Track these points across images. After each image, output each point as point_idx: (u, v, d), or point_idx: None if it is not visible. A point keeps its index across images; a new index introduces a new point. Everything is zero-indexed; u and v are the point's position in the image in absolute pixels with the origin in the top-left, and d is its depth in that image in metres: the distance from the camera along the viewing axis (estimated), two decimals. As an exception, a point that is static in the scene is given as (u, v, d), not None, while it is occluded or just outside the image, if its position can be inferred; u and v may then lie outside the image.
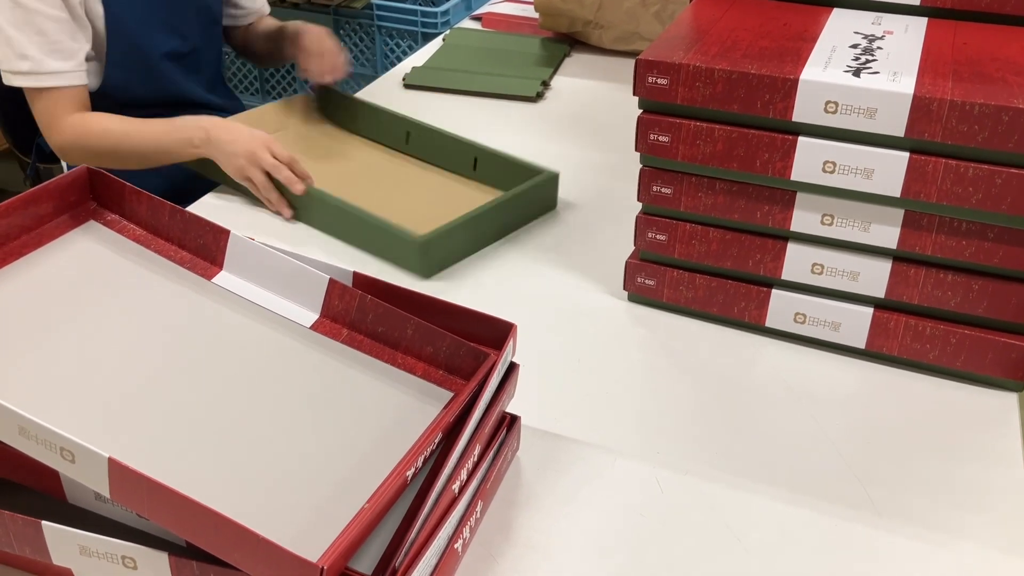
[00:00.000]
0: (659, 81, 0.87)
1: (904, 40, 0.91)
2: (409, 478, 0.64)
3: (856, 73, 0.82)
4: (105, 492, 0.58)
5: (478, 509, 0.71)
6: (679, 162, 0.90)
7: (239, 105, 1.52)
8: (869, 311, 0.90)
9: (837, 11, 0.99)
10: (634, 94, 0.89)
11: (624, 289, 1.01)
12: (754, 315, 0.95)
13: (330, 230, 1.13)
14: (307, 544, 0.59)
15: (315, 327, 0.78)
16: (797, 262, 0.91)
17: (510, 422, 0.77)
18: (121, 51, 1.27)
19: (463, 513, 0.68)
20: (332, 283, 0.78)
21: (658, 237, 0.95)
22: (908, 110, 0.79)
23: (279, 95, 2.39)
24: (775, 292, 0.93)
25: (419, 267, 1.05)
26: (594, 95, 1.51)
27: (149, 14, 1.29)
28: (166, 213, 0.82)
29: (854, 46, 0.89)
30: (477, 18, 1.85)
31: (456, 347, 0.75)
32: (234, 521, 0.55)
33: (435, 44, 1.73)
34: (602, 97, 1.50)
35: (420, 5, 2.19)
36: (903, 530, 0.74)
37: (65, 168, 1.43)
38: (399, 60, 2.17)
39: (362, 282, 0.78)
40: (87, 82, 1.24)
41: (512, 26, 1.79)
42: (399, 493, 0.64)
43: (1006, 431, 0.84)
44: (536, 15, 1.70)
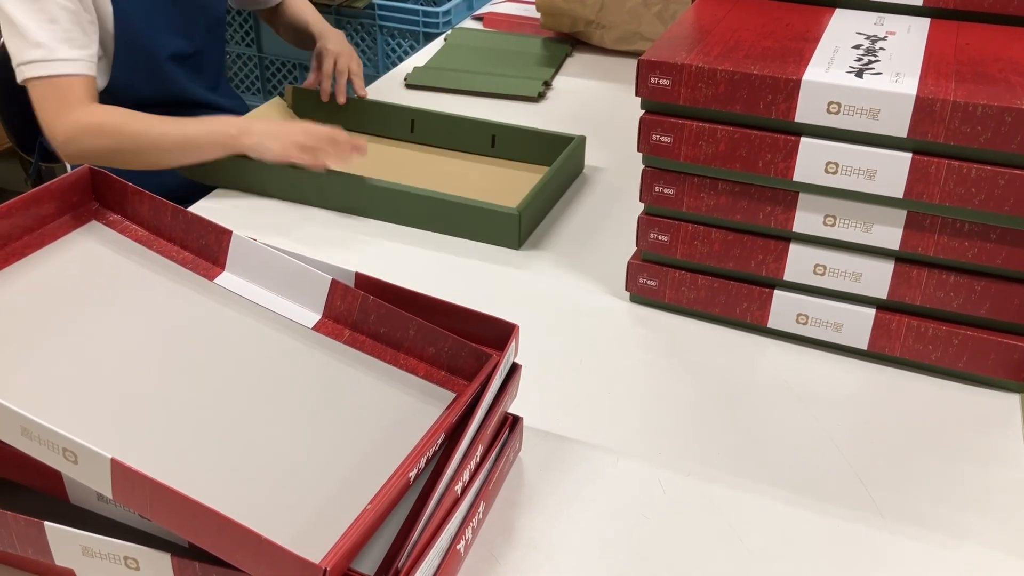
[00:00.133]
0: (661, 82, 0.87)
1: (907, 41, 0.90)
2: (412, 479, 0.64)
3: (859, 74, 0.82)
4: (108, 493, 0.58)
5: (480, 510, 0.71)
6: (681, 163, 0.90)
7: (242, 105, 1.52)
8: (871, 312, 0.90)
9: (839, 11, 0.99)
10: (636, 95, 0.89)
11: (626, 290, 1.01)
12: (756, 316, 0.95)
13: (397, 218, 1.14)
14: (310, 545, 0.59)
15: (317, 328, 0.78)
16: (799, 263, 0.91)
17: (512, 423, 0.77)
18: (128, 51, 1.27)
19: (465, 514, 0.68)
20: (334, 284, 0.78)
21: (660, 238, 0.95)
22: (911, 111, 0.79)
23: (280, 95, 2.39)
24: (777, 293, 0.93)
25: (515, 239, 1.10)
26: (596, 95, 1.51)
27: (156, 15, 1.29)
28: (168, 213, 0.82)
29: (857, 47, 0.89)
30: (479, 18, 1.85)
31: (458, 348, 0.75)
32: (236, 522, 0.55)
33: (437, 44, 1.73)
34: (604, 97, 1.50)
35: (422, 5, 2.19)
36: (905, 531, 0.74)
37: (68, 168, 1.43)
38: (400, 60, 2.17)
39: (364, 283, 0.78)
40: (94, 73, 1.22)
41: (514, 26, 1.79)
42: (402, 494, 0.64)
43: (1008, 432, 0.84)
44: (538, 15, 1.70)
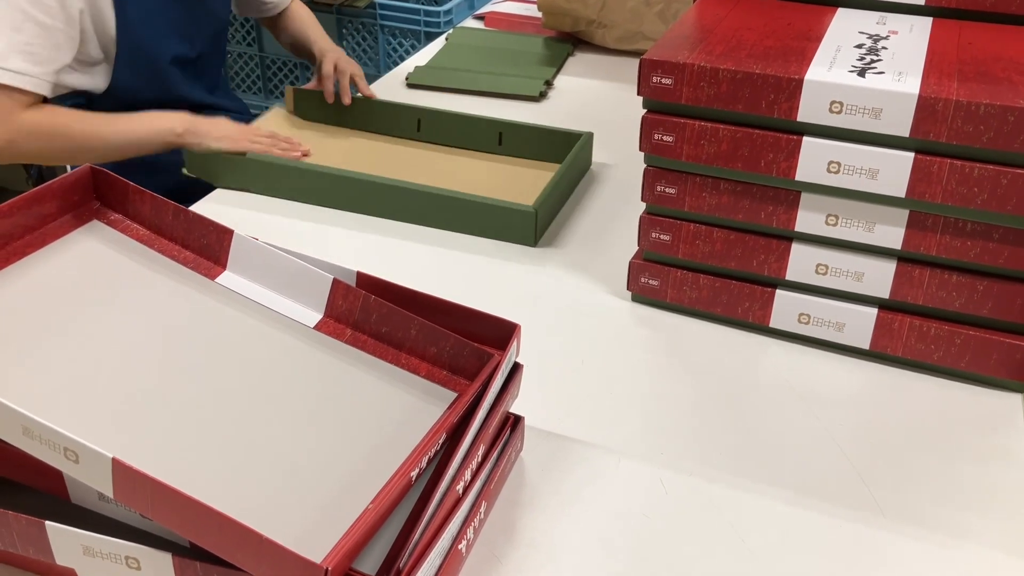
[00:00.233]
0: (663, 81, 0.86)
1: (909, 40, 0.90)
2: (413, 479, 0.64)
3: (861, 73, 0.82)
4: (109, 492, 0.57)
5: (482, 510, 0.71)
6: (683, 162, 0.90)
7: (242, 106, 1.52)
8: (873, 312, 0.90)
9: (842, 11, 0.99)
10: (638, 94, 0.88)
11: (628, 289, 1.00)
12: (758, 315, 0.95)
13: (409, 217, 1.14)
14: (311, 545, 0.58)
15: (319, 327, 0.78)
16: (801, 262, 0.91)
17: (514, 422, 0.77)
18: (130, 54, 1.27)
19: (467, 514, 0.68)
20: (336, 283, 0.78)
21: (662, 237, 0.95)
22: (913, 110, 0.79)
23: (281, 95, 2.39)
24: (779, 292, 0.93)
25: (531, 237, 1.10)
26: (597, 94, 1.51)
27: (160, 19, 1.29)
28: (170, 213, 0.82)
29: (859, 46, 0.89)
30: (480, 17, 1.85)
31: (460, 347, 0.75)
32: (238, 521, 0.55)
33: (438, 43, 1.72)
34: (605, 96, 1.50)
35: (423, 4, 2.19)
36: (907, 531, 0.74)
37: (69, 168, 1.43)
38: (402, 59, 2.17)
39: (366, 282, 0.78)
40: (48, 93, 1.20)
41: (515, 25, 1.79)
42: (403, 494, 0.63)
43: (1011, 432, 0.84)
44: (539, 14, 1.70)
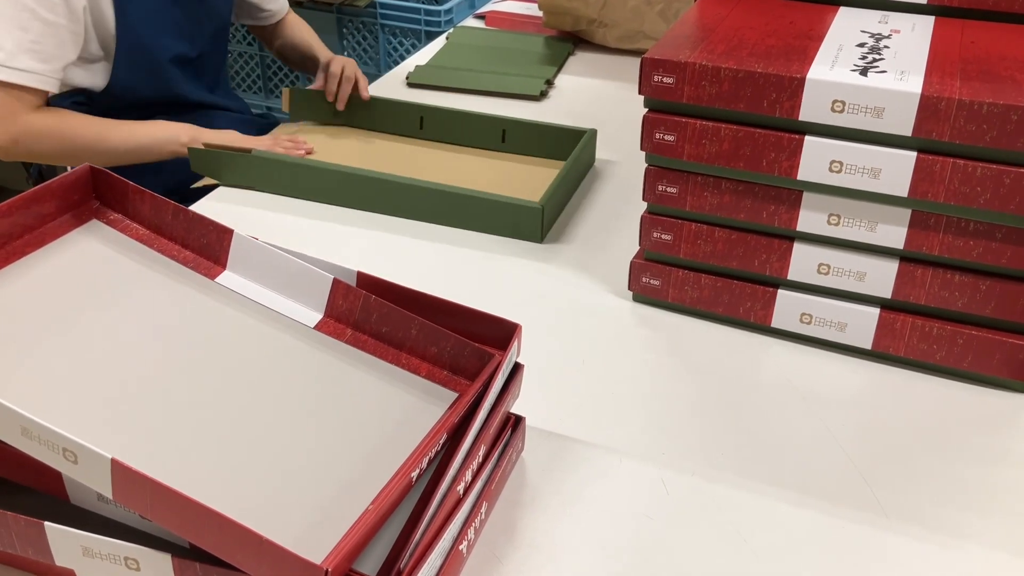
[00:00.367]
0: (665, 80, 0.86)
1: (911, 39, 0.90)
2: (414, 479, 0.64)
3: (863, 72, 0.82)
4: (108, 493, 0.57)
5: (483, 510, 0.70)
6: (685, 161, 0.89)
7: (243, 105, 1.52)
8: (875, 311, 0.89)
9: (843, 10, 0.98)
10: (640, 93, 0.88)
11: (629, 289, 1.00)
12: (760, 315, 0.94)
13: (413, 214, 1.15)
14: (311, 545, 0.58)
15: (319, 327, 0.78)
16: (803, 262, 0.90)
17: (515, 423, 0.77)
18: (130, 53, 1.27)
19: (468, 514, 0.67)
20: (336, 283, 0.78)
21: (663, 237, 0.95)
22: (916, 109, 0.79)
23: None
24: (781, 292, 0.92)
25: (538, 233, 1.10)
26: (598, 94, 1.50)
27: (160, 18, 1.28)
28: (169, 212, 0.82)
29: (861, 45, 0.88)
30: (481, 16, 1.84)
31: (461, 347, 0.74)
32: (237, 522, 0.54)
33: (439, 43, 1.72)
34: (606, 96, 1.50)
35: (423, 3, 2.18)
36: (910, 531, 0.74)
37: (69, 167, 1.43)
38: (402, 59, 2.17)
39: (366, 282, 0.78)
40: (55, 89, 1.21)
41: (516, 24, 1.79)
42: (404, 494, 0.63)
43: (1014, 432, 0.83)
44: (540, 13, 1.69)
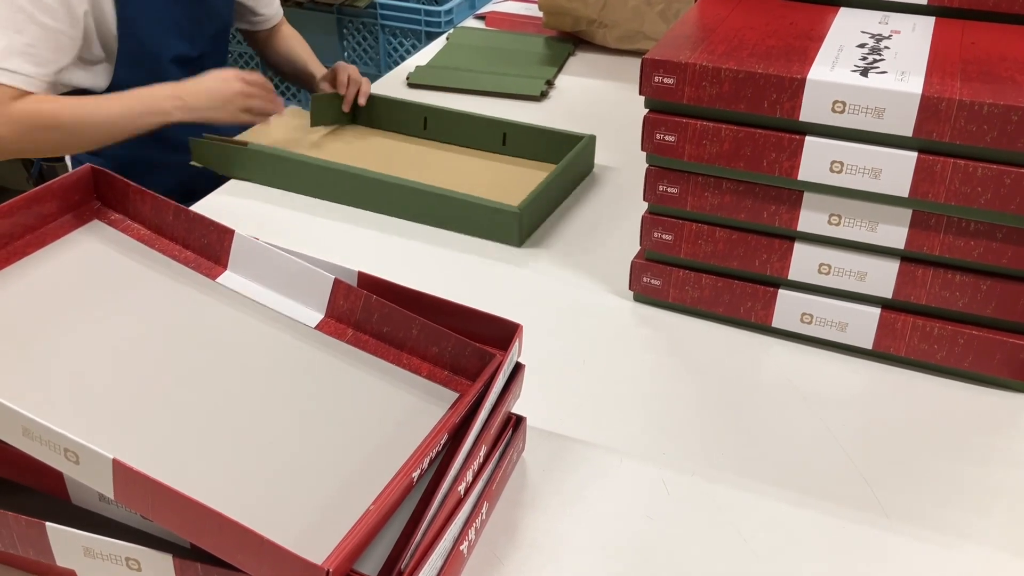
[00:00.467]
0: (665, 80, 0.86)
1: (912, 39, 0.90)
2: (415, 479, 0.64)
3: (864, 73, 0.82)
4: (109, 493, 0.57)
5: (484, 510, 0.70)
6: (685, 162, 0.89)
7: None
8: (876, 311, 0.89)
9: (844, 10, 0.98)
10: (640, 93, 0.88)
11: (629, 289, 1.00)
12: (760, 315, 0.94)
13: (401, 213, 1.15)
14: (312, 546, 0.58)
15: (320, 327, 0.78)
16: (804, 262, 0.90)
17: (516, 423, 0.77)
18: (131, 53, 1.26)
19: (469, 514, 0.67)
20: (337, 283, 0.78)
21: (664, 237, 0.95)
22: (916, 110, 0.79)
23: (282, 95, 2.39)
24: (782, 292, 0.92)
25: (516, 236, 1.10)
26: (598, 94, 1.50)
27: (162, 18, 1.28)
28: (170, 212, 0.82)
29: (861, 45, 0.88)
30: (481, 17, 1.84)
31: (461, 347, 0.74)
32: (238, 523, 0.54)
33: (439, 43, 1.72)
34: (606, 96, 1.50)
35: (424, 4, 2.18)
36: (911, 531, 0.74)
37: (70, 167, 1.43)
38: (403, 59, 2.17)
39: (367, 282, 0.78)
40: (44, 92, 1.19)
41: (516, 25, 1.79)
42: (405, 494, 0.63)
43: (1014, 432, 0.83)
44: (540, 14, 1.69)
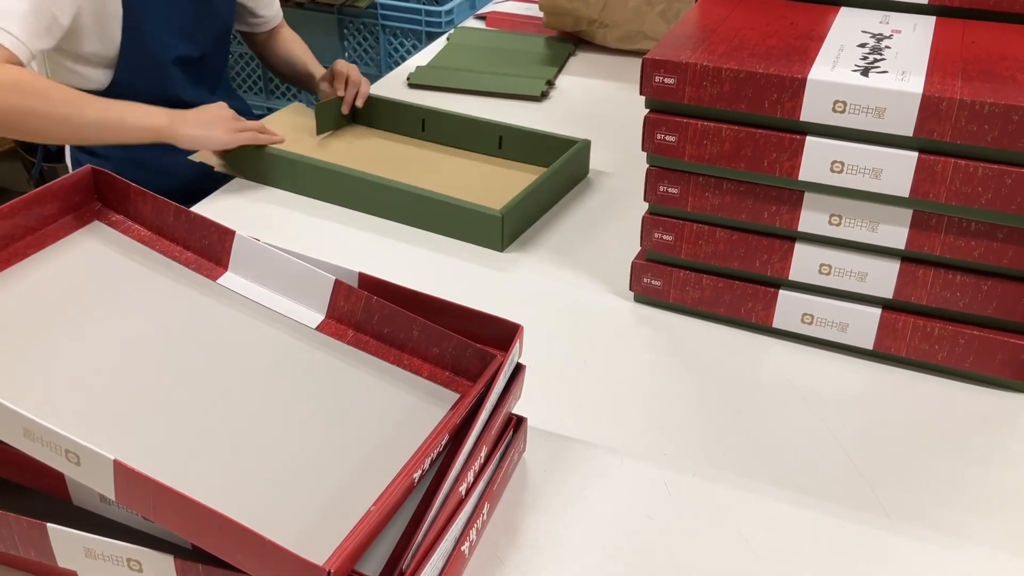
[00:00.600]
0: (666, 80, 0.86)
1: (912, 39, 0.90)
2: (416, 480, 0.64)
3: (864, 72, 0.82)
4: (111, 494, 0.57)
5: (485, 511, 0.70)
6: (686, 162, 0.89)
7: (244, 106, 1.51)
8: (877, 312, 0.89)
9: (844, 10, 0.98)
10: (641, 93, 0.88)
11: (630, 289, 1.00)
12: (761, 316, 0.94)
13: (391, 215, 1.16)
14: (313, 547, 0.58)
15: (321, 328, 0.78)
16: (805, 262, 0.90)
17: (516, 423, 0.77)
18: (134, 54, 1.26)
19: (470, 515, 0.67)
20: (338, 284, 0.78)
21: (664, 237, 0.95)
22: (917, 109, 0.79)
23: (283, 95, 2.39)
24: (782, 293, 0.92)
25: (498, 241, 1.09)
26: (599, 94, 1.50)
27: (166, 19, 1.28)
28: (171, 214, 0.82)
29: (862, 45, 0.88)
30: (481, 17, 1.84)
31: (462, 348, 0.74)
32: (240, 524, 0.54)
33: (439, 43, 1.72)
34: (607, 96, 1.50)
35: (424, 4, 2.18)
36: (911, 531, 0.74)
37: (70, 168, 1.43)
38: (403, 60, 2.17)
39: (368, 283, 0.78)
40: (26, 62, 1.15)
41: (516, 25, 1.79)
42: (406, 495, 0.63)
43: (1015, 432, 0.83)
44: (540, 14, 1.69)
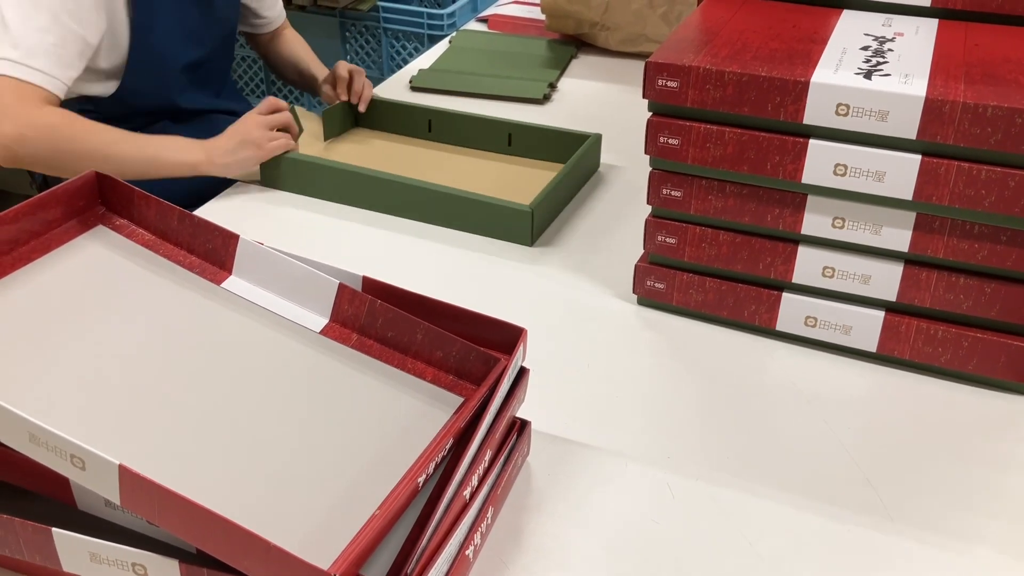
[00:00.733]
0: (669, 84, 0.86)
1: (915, 42, 0.90)
2: (420, 484, 0.64)
3: (867, 75, 0.82)
4: (116, 499, 0.57)
5: (489, 515, 0.70)
6: (689, 165, 0.89)
7: (248, 107, 1.52)
8: (880, 314, 0.89)
9: (847, 13, 0.98)
10: (644, 97, 0.88)
11: (633, 292, 1.00)
12: (764, 319, 0.94)
13: (411, 214, 1.16)
14: (318, 551, 0.58)
15: (325, 332, 0.78)
16: (808, 265, 0.90)
17: (520, 427, 0.77)
18: (142, 63, 1.26)
19: (474, 519, 0.67)
20: (342, 288, 0.78)
21: (668, 240, 0.95)
22: (920, 112, 0.79)
23: (285, 96, 2.39)
24: (786, 295, 0.92)
25: (528, 235, 1.10)
26: (601, 97, 1.50)
27: (174, 28, 1.28)
28: (175, 218, 0.82)
29: (865, 48, 0.88)
30: (483, 20, 1.84)
31: (466, 352, 0.74)
32: (244, 528, 0.54)
33: (441, 46, 1.72)
34: (609, 99, 1.50)
35: (426, 7, 2.19)
36: (915, 534, 0.74)
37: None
38: (405, 62, 2.18)
39: (371, 287, 0.78)
40: (63, 96, 1.17)
41: (518, 28, 1.79)
42: (410, 499, 0.63)
43: (1019, 435, 0.83)
44: (542, 17, 1.69)
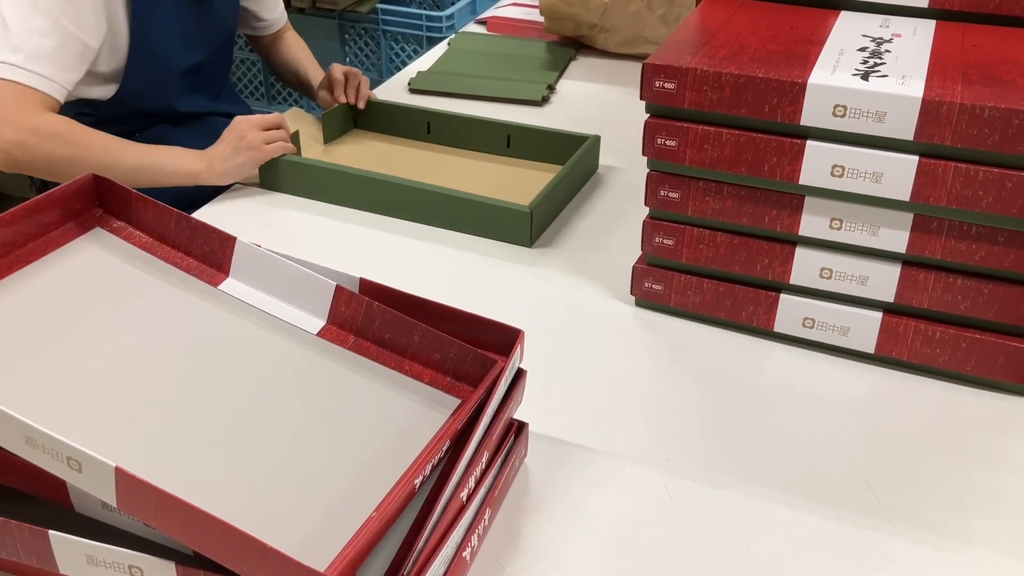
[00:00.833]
0: (666, 85, 0.86)
1: (912, 43, 0.90)
2: (417, 486, 0.64)
3: (864, 76, 0.82)
4: (112, 501, 0.57)
5: (486, 517, 0.70)
6: (687, 166, 0.89)
7: (247, 111, 1.52)
8: (878, 315, 0.89)
9: (844, 14, 0.98)
10: (641, 98, 0.88)
11: (631, 294, 1.00)
12: (762, 320, 0.94)
13: (411, 215, 1.16)
14: (315, 553, 0.58)
15: (322, 334, 0.78)
16: (806, 266, 0.90)
17: (518, 429, 0.77)
18: (141, 66, 1.26)
19: (471, 521, 0.67)
20: (339, 290, 0.78)
21: (665, 241, 0.95)
22: (917, 113, 0.79)
23: (284, 100, 2.39)
24: (783, 297, 0.92)
25: (527, 236, 1.10)
26: (600, 99, 1.51)
27: (174, 31, 1.28)
28: (172, 220, 0.82)
29: (862, 49, 0.88)
30: (482, 22, 1.85)
31: (463, 353, 0.74)
32: (241, 530, 0.54)
33: (440, 48, 1.73)
34: (608, 101, 1.50)
35: (425, 9, 2.19)
36: (914, 536, 0.74)
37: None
38: (404, 64, 2.18)
39: (368, 289, 0.78)
40: (63, 100, 1.17)
41: (517, 30, 1.79)
42: (407, 501, 0.63)
43: (1018, 435, 0.83)
44: (541, 19, 1.69)
